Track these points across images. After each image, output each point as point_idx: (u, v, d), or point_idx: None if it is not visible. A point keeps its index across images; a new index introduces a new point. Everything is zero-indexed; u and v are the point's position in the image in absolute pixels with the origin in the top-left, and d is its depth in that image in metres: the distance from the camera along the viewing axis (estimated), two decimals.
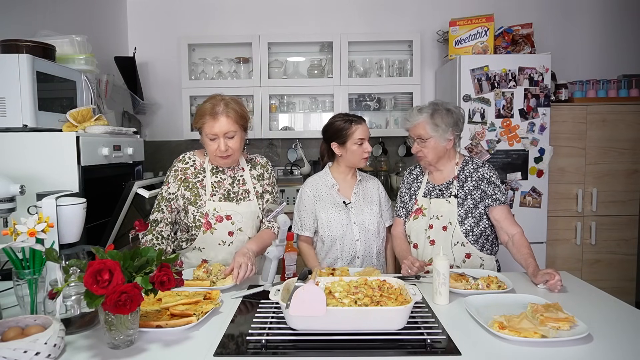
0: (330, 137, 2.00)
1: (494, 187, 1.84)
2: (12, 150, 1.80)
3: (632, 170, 3.15)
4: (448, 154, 1.90)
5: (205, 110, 1.73)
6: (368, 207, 2.01)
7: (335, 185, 2.01)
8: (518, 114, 2.93)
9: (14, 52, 1.81)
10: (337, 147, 2.00)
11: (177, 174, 1.83)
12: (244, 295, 1.50)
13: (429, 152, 1.86)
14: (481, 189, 1.85)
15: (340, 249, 1.97)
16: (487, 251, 1.87)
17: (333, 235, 1.97)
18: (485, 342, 1.14)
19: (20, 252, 1.23)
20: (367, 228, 1.98)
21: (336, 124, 1.98)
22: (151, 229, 1.78)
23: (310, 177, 2.11)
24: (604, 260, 3.20)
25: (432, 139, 1.84)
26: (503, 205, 1.83)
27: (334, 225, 1.97)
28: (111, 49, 3.25)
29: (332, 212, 1.98)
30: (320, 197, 2.02)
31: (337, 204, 1.99)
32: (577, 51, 3.56)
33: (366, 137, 1.97)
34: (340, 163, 2.04)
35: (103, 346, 1.13)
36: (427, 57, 3.54)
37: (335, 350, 1.10)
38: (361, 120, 1.99)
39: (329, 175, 2.05)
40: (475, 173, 1.87)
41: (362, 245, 1.97)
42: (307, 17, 3.56)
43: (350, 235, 1.96)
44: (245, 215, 1.83)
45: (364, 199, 2.03)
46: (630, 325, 1.24)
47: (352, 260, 1.97)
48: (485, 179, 1.85)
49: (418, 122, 1.86)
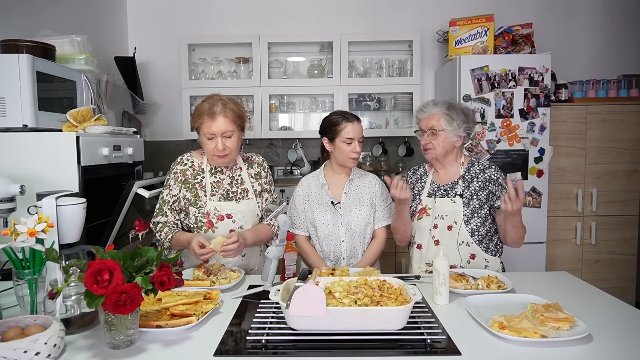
0: (323, 131, 1.99)
1: (500, 188, 1.83)
2: (12, 150, 1.80)
3: (632, 170, 3.15)
4: (455, 153, 1.89)
5: (203, 110, 1.74)
6: (357, 207, 1.97)
7: (325, 185, 2.00)
8: (518, 114, 2.93)
9: (14, 52, 1.81)
10: (327, 142, 1.98)
11: (177, 176, 1.83)
12: (244, 295, 1.50)
13: (439, 145, 1.85)
14: (488, 189, 1.84)
15: (327, 249, 1.97)
16: (491, 252, 1.86)
17: (319, 235, 1.97)
18: (485, 342, 1.14)
19: (20, 252, 1.23)
20: (352, 229, 1.96)
21: (330, 117, 1.98)
22: (158, 231, 1.79)
23: (304, 177, 2.10)
24: (604, 260, 3.19)
25: (445, 132, 1.84)
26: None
27: (320, 226, 1.96)
28: (111, 49, 3.25)
29: (320, 212, 1.97)
30: (311, 196, 2.01)
31: (325, 203, 1.98)
32: (577, 51, 3.56)
33: (356, 138, 1.92)
34: (332, 161, 2.02)
35: (103, 346, 1.13)
36: (427, 57, 3.54)
37: (335, 350, 1.10)
38: (355, 119, 1.95)
39: (322, 174, 2.03)
40: (482, 174, 1.86)
41: (348, 247, 1.96)
42: (307, 17, 3.56)
43: (336, 236, 1.96)
44: (246, 214, 1.84)
45: (354, 199, 1.99)
46: (630, 325, 1.24)
47: (337, 261, 1.97)
48: (494, 180, 1.85)
49: (433, 113, 1.86)
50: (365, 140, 3.51)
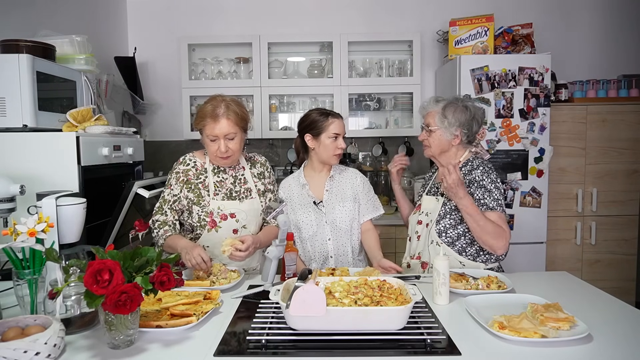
0: (305, 129, 1.97)
1: (483, 191, 1.74)
2: (12, 150, 1.80)
3: (632, 170, 3.15)
4: (453, 152, 1.87)
5: (206, 112, 1.74)
6: (340, 204, 1.96)
7: (306, 185, 1.99)
8: (518, 114, 2.93)
9: (14, 52, 1.81)
10: (310, 139, 1.95)
11: (179, 176, 1.83)
12: (244, 295, 1.50)
13: (433, 142, 1.86)
14: (470, 191, 1.75)
15: (312, 250, 1.96)
16: (468, 256, 1.78)
17: (303, 236, 1.97)
18: (485, 342, 1.14)
19: (20, 252, 1.23)
20: (338, 227, 1.95)
21: (312, 115, 1.96)
22: (157, 228, 1.79)
23: (284, 179, 2.09)
24: (604, 260, 3.19)
25: (438, 130, 1.83)
26: (491, 211, 1.71)
27: (304, 227, 1.96)
28: (111, 49, 3.25)
29: (302, 214, 1.96)
30: (292, 198, 2.00)
31: (308, 204, 1.97)
32: (577, 51, 3.56)
33: (342, 133, 1.93)
34: (313, 159, 2.00)
35: (103, 346, 1.13)
36: (427, 57, 3.54)
37: (335, 350, 1.10)
38: (338, 115, 1.97)
39: (302, 174, 2.02)
40: (468, 175, 1.80)
41: (334, 245, 1.95)
42: (307, 17, 3.56)
43: (321, 235, 1.95)
44: (249, 213, 1.84)
45: (336, 195, 1.98)
46: (630, 325, 1.24)
47: (325, 260, 1.96)
48: (476, 181, 1.76)
49: (430, 110, 1.88)
50: (365, 140, 3.58)
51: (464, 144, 1.87)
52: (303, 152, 2.06)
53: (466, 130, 1.83)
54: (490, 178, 1.77)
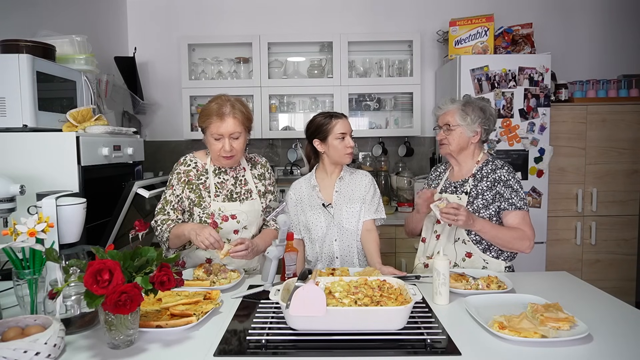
0: (312, 134, 1.98)
1: (511, 190, 1.78)
2: (12, 150, 1.80)
3: (632, 170, 3.15)
4: (471, 150, 1.88)
5: (211, 111, 1.74)
6: (348, 206, 1.96)
7: (317, 187, 1.99)
8: (518, 114, 2.93)
9: (14, 52, 1.81)
10: (319, 144, 1.96)
11: (180, 176, 1.83)
12: (244, 295, 1.50)
13: (453, 140, 1.86)
14: (496, 190, 1.80)
15: (320, 250, 1.97)
16: (492, 254, 1.82)
17: (312, 237, 1.97)
18: (485, 342, 1.14)
19: (20, 252, 1.23)
20: (344, 228, 1.95)
21: (317, 120, 1.97)
22: (159, 225, 1.79)
23: (296, 180, 2.09)
24: (604, 260, 3.20)
25: (459, 128, 1.84)
26: (519, 210, 1.77)
27: (313, 228, 1.96)
28: (111, 49, 3.25)
29: (312, 215, 1.97)
30: (302, 200, 2.01)
31: (317, 206, 1.97)
32: (577, 51, 3.56)
33: (348, 132, 1.94)
34: (325, 162, 2.00)
35: (103, 346, 1.13)
36: (427, 57, 3.54)
37: (335, 350, 1.10)
38: (342, 115, 1.97)
39: (313, 176, 2.03)
40: (492, 174, 1.83)
41: (340, 246, 1.95)
42: (307, 17, 3.56)
43: (329, 236, 1.95)
44: (250, 214, 1.85)
45: (345, 196, 1.98)
46: (630, 325, 1.24)
47: (331, 261, 1.96)
48: (502, 181, 1.80)
49: (449, 109, 1.88)
50: (365, 140, 3.58)
51: (480, 143, 1.90)
52: (314, 158, 2.06)
53: (486, 127, 1.87)
54: (515, 178, 1.83)
